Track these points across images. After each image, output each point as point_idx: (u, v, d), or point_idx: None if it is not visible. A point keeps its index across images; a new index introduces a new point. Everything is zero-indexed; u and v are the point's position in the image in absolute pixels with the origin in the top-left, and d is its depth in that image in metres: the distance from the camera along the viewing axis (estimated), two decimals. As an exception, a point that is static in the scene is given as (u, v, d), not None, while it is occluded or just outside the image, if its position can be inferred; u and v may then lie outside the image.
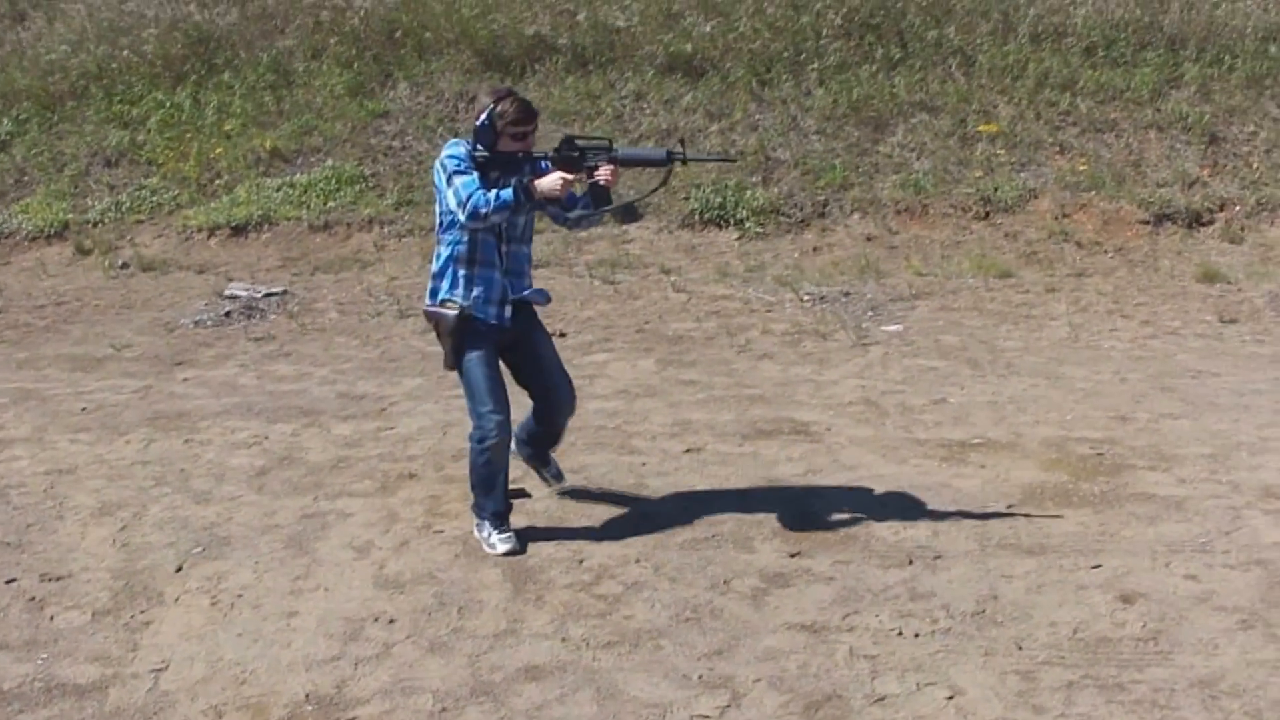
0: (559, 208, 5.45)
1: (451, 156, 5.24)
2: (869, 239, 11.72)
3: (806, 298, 10.41)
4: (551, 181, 5.22)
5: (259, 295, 10.67)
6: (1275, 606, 4.90)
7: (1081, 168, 12.45)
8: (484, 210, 5.12)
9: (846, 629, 4.72)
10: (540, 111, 5.56)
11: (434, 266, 5.45)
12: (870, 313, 10.10)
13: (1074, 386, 8.20)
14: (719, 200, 12.05)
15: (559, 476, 6.06)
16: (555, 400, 5.65)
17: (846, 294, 10.54)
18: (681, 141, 5.62)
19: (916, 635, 4.65)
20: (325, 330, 9.77)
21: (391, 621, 4.80)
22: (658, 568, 5.26)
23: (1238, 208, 12.12)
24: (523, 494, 6.07)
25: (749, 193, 12.15)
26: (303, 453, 6.82)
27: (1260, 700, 4.21)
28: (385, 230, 12.04)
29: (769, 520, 5.78)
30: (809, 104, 13.22)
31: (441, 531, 5.64)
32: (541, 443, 5.89)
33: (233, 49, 14.71)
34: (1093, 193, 12.17)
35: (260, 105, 13.95)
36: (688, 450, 6.78)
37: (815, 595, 4.99)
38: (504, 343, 5.48)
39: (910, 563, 5.32)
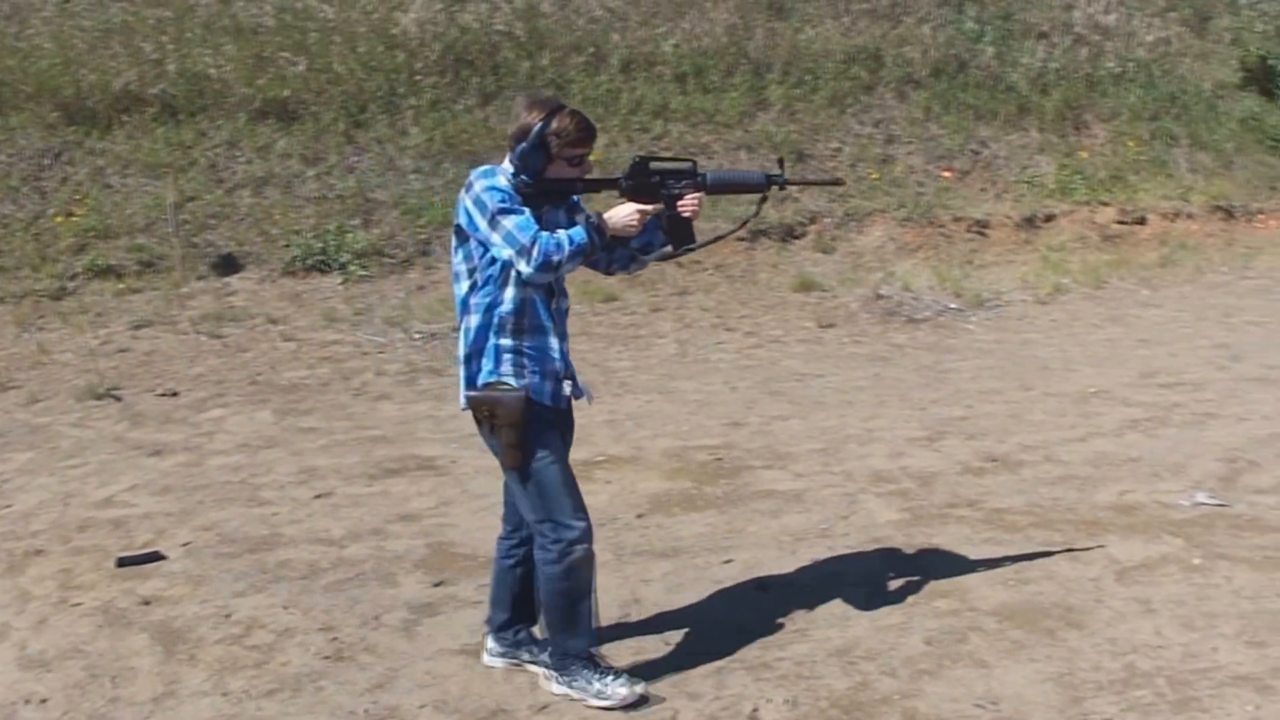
0: (623, 247, 4.43)
1: (492, 189, 4.14)
2: (474, 274, 11.86)
3: (417, 336, 10.47)
4: (626, 215, 4.26)
5: None
6: (897, 577, 5.39)
7: (676, 190, 12.96)
8: (557, 258, 4.08)
9: (501, 648, 4.83)
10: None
11: (464, 342, 4.39)
12: (482, 346, 10.24)
13: (687, 399, 8.61)
14: (320, 245, 11.81)
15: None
16: None
17: (456, 330, 10.63)
18: (780, 161, 4.85)
19: (569, 645, 4.82)
20: (-83, 411, 9.16)
21: (44, 701, 4.59)
22: (306, 611, 5.24)
23: (827, 220, 12.98)
24: (157, 556, 5.91)
25: (350, 235, 12.00)
26: (-86, 542, 6.39)
27: (894, 659, 4.64)
28: (-29, 300, 11.33)
29: (409, 554, 5.86)
30: (405, 143, 13.28)
31: (80, 604, 5.40)
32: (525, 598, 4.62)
33: None
34: (688, 213, 12.70)
35: None
36: (318, 496, 6.76)
37: (465, 619, 5.10)
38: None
39: (553, 578, 5.49)
